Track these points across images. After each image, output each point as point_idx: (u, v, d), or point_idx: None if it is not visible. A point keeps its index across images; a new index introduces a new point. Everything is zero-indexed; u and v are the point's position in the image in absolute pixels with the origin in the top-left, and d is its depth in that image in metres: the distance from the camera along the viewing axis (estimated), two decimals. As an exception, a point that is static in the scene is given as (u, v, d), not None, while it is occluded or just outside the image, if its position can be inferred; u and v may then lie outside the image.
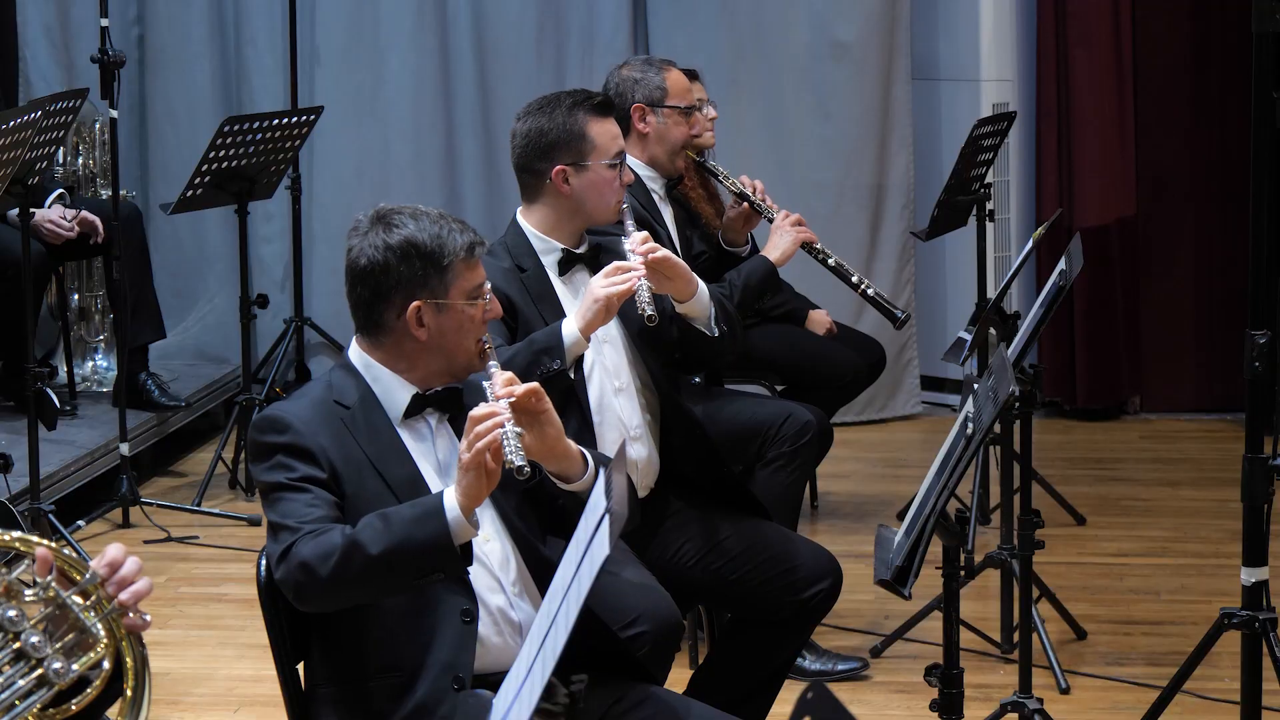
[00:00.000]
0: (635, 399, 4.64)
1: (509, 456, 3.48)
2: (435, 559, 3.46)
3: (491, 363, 3.72)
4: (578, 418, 4.49)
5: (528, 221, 4.67)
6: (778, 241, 5.84)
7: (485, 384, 3.69)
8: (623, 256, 4.55)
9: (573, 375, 4.43)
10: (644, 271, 4.46)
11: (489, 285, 3.76)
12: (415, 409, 3.72)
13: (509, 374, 3.68)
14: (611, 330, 4.61)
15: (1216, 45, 8.30)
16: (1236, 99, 8.10)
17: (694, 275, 4.63)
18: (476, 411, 3.49)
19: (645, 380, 4.66)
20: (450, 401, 3.75)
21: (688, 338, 4.69)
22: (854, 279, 5.90)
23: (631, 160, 5.29)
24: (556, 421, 3.68)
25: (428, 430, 3.75)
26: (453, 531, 3.45)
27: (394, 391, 3.72)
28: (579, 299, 4.54)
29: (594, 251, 4.67)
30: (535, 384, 3.67)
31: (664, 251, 4.52)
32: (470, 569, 3.57)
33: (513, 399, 3.57)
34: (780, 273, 6.61)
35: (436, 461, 3.73)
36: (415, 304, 3.66)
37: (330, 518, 3.55)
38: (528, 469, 3.51)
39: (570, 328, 4.42)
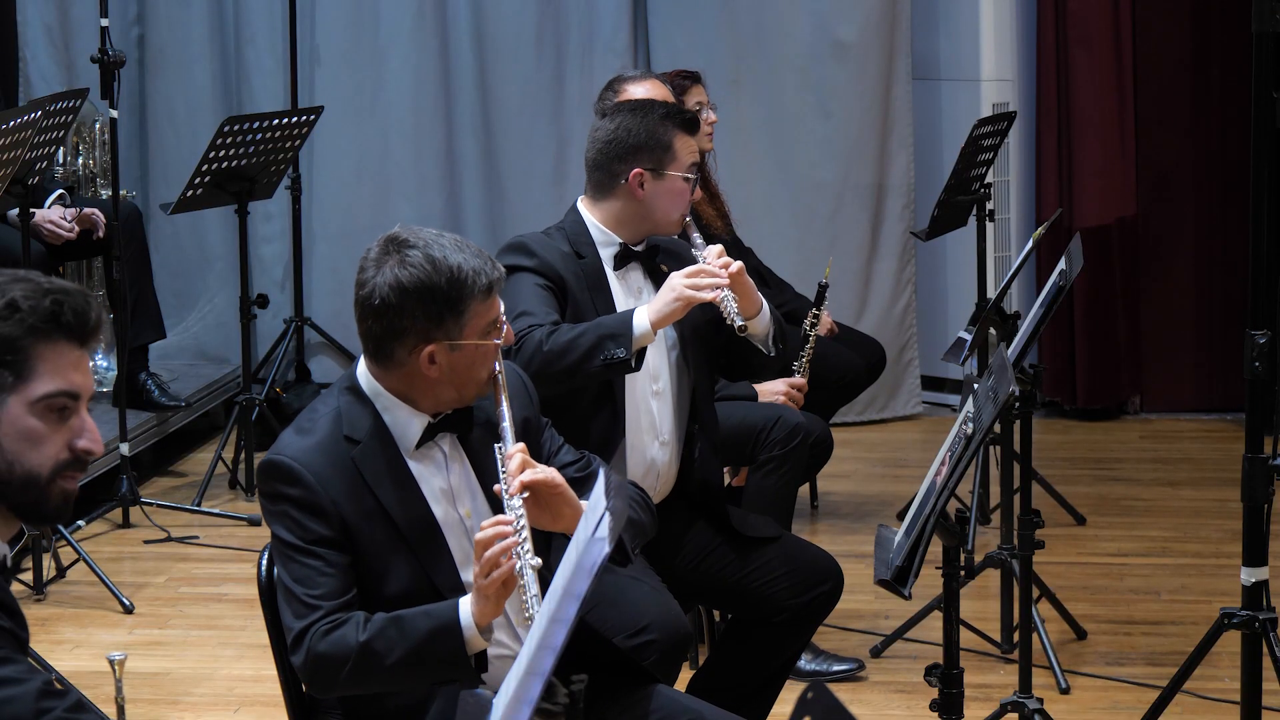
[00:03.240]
0: (671, 404, 4.64)
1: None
2: (450, 671, 3.46)
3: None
4: (609, 413, 4.49)
5: (590, 213, 4.67)
6: (770, 389, 5.83)
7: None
8: (687, 263, 4.56)
9: (633, 365, 4.42)
10: (729, 281, 4.47)
11: (504, 312, 3.65)
12: (427, 437, 3.63)
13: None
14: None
15: (1216, 45, 8.29)
16: (1236, 99, 8.10)
17: (759, 293, 4.64)
18: (484, 535, 3.39)
19: (685, 386, 4.66)
20: (461, 422, 3.66)
21: (737, 350, 4.68)
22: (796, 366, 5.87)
23: None
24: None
25: (441, 455, 3.66)
26: (467, 643, 3.44)
27: (405, 422, 3.61)
28: (630, 295, 4.58)
29: (652, 251, 4.67)
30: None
31: (739, 265, 4.53)
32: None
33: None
34: (779, 272, 6.63)
35: (449, 486, 3.66)
36: (429, 348, 3.54)
37: (341, 588, 3.51)
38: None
39: (641, 318, 4.42)
